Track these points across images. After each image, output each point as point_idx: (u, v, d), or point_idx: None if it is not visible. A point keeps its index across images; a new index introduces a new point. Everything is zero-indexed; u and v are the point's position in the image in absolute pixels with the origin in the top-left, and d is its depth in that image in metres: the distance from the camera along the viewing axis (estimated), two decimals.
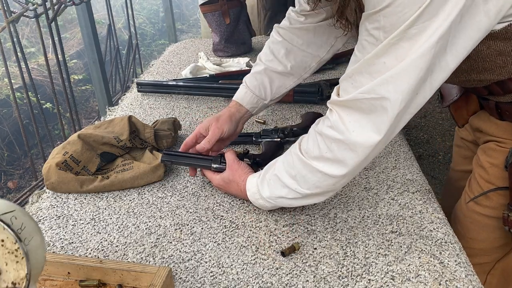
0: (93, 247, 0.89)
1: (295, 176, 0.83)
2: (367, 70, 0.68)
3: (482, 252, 1.05)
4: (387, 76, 0.66)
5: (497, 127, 0.95)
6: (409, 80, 0.65)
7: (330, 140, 0.75)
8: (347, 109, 0.73)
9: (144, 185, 1.06)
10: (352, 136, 0.72)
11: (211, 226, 0.93)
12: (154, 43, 6.20)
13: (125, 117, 1.16)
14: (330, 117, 0.76)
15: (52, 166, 1.04)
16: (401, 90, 0.66)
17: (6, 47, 2.63)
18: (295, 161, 0.82)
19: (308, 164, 0.79)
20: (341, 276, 0.79)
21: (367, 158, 0.74)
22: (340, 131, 0.73)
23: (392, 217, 0.94)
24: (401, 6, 0.61)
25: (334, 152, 0.75)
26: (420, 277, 0.78)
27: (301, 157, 0.81)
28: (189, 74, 1.69)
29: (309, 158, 0.80)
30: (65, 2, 2.26)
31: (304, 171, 0.81)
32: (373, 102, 0.68)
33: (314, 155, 0.79)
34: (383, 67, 0.66)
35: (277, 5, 2.52)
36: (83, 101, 4.27)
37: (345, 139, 0.73)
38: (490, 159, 0.97)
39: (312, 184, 0.81)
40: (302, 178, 0.81)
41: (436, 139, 3.01)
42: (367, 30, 0.67)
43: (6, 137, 3.35)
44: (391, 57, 0.65)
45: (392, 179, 1.06)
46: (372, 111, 0.69)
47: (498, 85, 0.84)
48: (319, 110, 1.38)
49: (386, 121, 0.69)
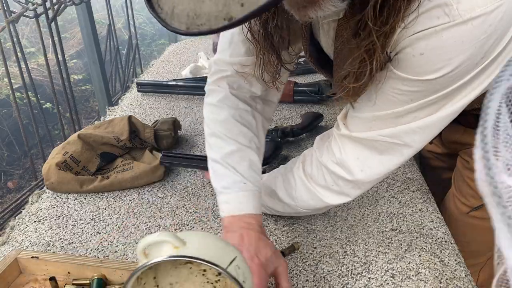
0: (93, 247, 0.89)
1: (295, 198, 0.81)
2: (393, 121, 0.65)
3: (477, 254, 1.04)
4: (415, 127, 0.64)
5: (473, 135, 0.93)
6: (435, 131, 0.65)
7: (337, 176, 0.74)
8: (357, 145, 0.71)
9: (144, 185, 1.06)
10: (360, 176, 0.71)
11: (211, 226, 0.93)
12: (154, 43, 6.20)
13: (125, 117, 1.16)
14: (334, 151, 0.74)
15: (52, 166, 1.04)
16: (425, 140, 0.66)
17: (6, 47, 2.63)
18: (298, 184, 0.80)
19: (313, 191, 0.78)
20: (341, 275, 0.79)
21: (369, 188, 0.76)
22: (348, 171, 0.72)
23: (392, 215, 0.93)
24: (452, 77, 0.57)
25: (341, 187, 0.75)
26: (421, 275, 0.78)
27: (305, 182, 0.79)
28: (189, 74, 1.69)
29: (315, 184, 0.78)
30: (65, 2, 2.26)
31: (306, 196, 0.80)
32: (394, 146, 0.67)
33: (320, 183, 0.77)
34: (412, 119, 0.64)
35: None
36: (83, 101, 4.26)
37: (353, 179, 0.72)
38: None
39: (312, 208, 0.82)
40: (303, 202, 0.81)
41: None
42: (399, 89, 0.62)
43: (6, 137, 3.35)
44: (424, 113, 0.63)
45: (392, 177, 1.06)
46: (388, 153, 0.68)
47: None
48: (319, 110, 1.38)
49: (397, 163, 0.69)
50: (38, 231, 0.93)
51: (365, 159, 0.70)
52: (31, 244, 0.90)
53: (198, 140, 1.27)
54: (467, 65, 0.56)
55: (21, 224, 0.96)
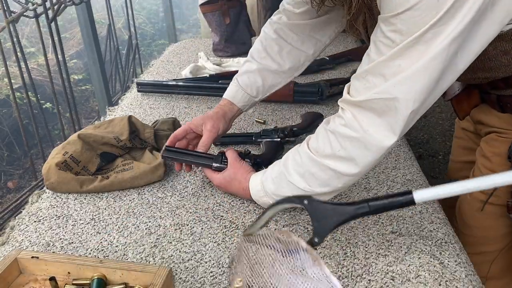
0: (93, 247, 0.88)
1: (303, 174, 0.82)
2: (381, 72, 0.69)
3: (485, 240, 1.05)
4: (401, 78, 0.67)
5: (498, 119, 0.96)
6: (423, 81, 0.66)
7: (344, 138, 0.75)
8: (360, 109, 0.74)
9: (144, 185, 1.06)
10: (368, 134, 0.73)
11: (211, 226, 0.93)
12: (154, 43, 6.20)
13: (125, 117, 1.16)
14: (343, 116, 0.76)
15: (52, 166, 1.04)
16: (414, 91, 0.67)
17: (6, 47, 2.62)
18: (304, 159, 0.82)
19: (319, 162, 0.79)
20: (341, 277, 0.79)
21: (379, 158, 0.75)
22: (355, 129, 0.74)
23: (392, 217, 0.93)
24: (420, 11, 0.62)
25: (348, 150, 0.75)
26: (420, 278, 0.78)
27: (311, 155, 0.81)
28: (189, 74, 1.69)
29: (320, 156, 0.79)
30: (65, 2, 2.26)
31: (314, 169, 0.80)
32: (386, 102, 0.69)
33: (325, 153, 0.78)
34: (397, 69, 0.67)
35: (278, 5, 2.52)
36: (83, 101, 4.27)
37: (360, 137, 0.73)
38: (492, 148, 0.99)
39: (322, 181, 0.81)
40: (312, 176, 0.81)
41: (436, 139, 3.00)
42: (383, 32, 0.68)
43: (6, 137, 3.35)
44: (406, 60, 0.66)
45: (392, 179, 1.06)
46: (385, 112, 0.70)
47: (502, 81, 0.86)
48: (319, 110, 1.38)
49: (399, 121, 0.70)
50: (38, 231, 0.93)
51: (370, 120, 0.73)
52: (31, 244, 0.90)
53: None
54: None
55: (21, 224, 0.96)
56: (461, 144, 1.21)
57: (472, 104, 1.03)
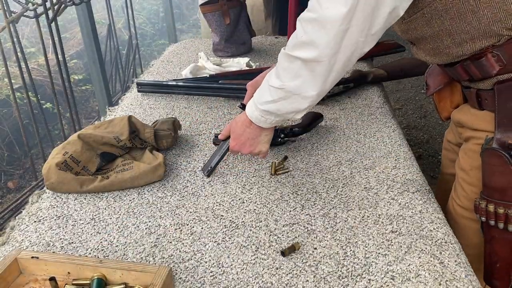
0: (93, 247, 0.89)
1: (278, 73, 0.87)
2: None
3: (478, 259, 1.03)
4: None
5: (476, 117, 0.96)
6: None
7: (306, 22, 0.80)
8: None
9: (144, 185, 1.06)
10: (324, 11, 0.77)
11: (211, 226, 0.93)
12: (154, 43, 6.20)
13: (125, 117, 1.16)
14: (309, 4, 0.81)
15: (52, 166, 1.04)
16: None
17: (6, 47, 2.62)
18: (279, 58, 0.88)
19: (288, 54, 0.84)
20: (341, 276, 0.79)
21: (334, 38, 0.78)
22: (315, 10, 0.78)
23: (392, 217, 0.94)
24: None
25: (309, 33, 0.80)
26: (420, 277, 0.78)
27: (282, 52, 0.87)
28: (189, 74, 1.69)
29: (289, 48, 0.85)
30: (65, 2, 2.27)
31: (285, 63, 0.85)
32: None
33: (292, 43, 0.84)
34: None
35: (283, 9, 2.53)
36: (83, 101, 4.26)
37: (318, 16, 0.78)
38: (471, 161, 0.98)
39: (292, 74, 0.85)
40: (284, 70, 0.86)
41: (436, 139, 3.01)
42: None
43: (6, 137, 3.35)
44: None
45: (392, 179, 1.06)
46: None
47: (476, 67, 0.88)
48: (319, 110, 1.38)
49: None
50: (38, 231, 0.93)
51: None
52: (31, 244, 0.90)
53: (198, 140, 1.27)
54: None
55: (21, 224, 0.96)
56: (448, 156, 1.21)
57: (455, 102, 1.05)
